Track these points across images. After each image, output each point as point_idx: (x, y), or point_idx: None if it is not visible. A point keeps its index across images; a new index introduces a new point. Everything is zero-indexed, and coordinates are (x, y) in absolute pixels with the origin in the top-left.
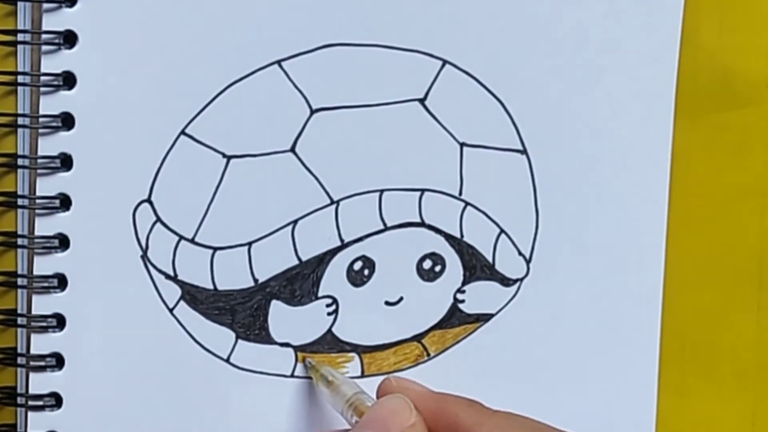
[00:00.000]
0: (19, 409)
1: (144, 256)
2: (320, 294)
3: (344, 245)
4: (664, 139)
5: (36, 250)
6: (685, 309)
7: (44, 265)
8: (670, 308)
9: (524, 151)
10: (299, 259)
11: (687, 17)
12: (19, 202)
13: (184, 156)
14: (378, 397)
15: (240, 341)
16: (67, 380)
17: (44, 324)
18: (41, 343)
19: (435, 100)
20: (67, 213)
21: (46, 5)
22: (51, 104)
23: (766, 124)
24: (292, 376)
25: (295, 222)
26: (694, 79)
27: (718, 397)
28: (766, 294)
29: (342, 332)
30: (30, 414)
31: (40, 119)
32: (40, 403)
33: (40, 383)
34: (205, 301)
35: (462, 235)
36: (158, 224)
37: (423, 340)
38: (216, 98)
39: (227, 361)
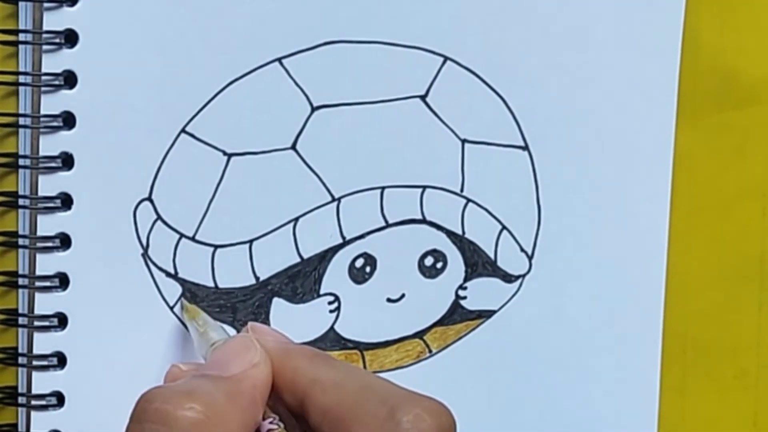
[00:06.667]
0: (20, 409)
1: (145, 255)
2: (322, 291)
3: (346, 242)
4: (666, 136)
5: (38, 250)
6: (687, 308)
7: (46, 264)
8: (672, 307)
9: (526, 148)
10: (301, 256)
11: (688, 17)
12: (21, 201)
13: (184, 154)
14: None
15: None
16: (70, 379)
17: (46, 323)
18: (43, 343)
19: (436, 97)
20: (68, 212)
21: (46, 4)
22: (52, 104)
23: (767, 124)
24: None
25: (296, 219)
26: (695, 80)
27: (719, 397)
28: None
29: (344, 329)
30: (33, 413)
31: (41, 119)
32: (43, 402)
33: (42, 383)
34: (206, 298)
35: (464, 232)
36: (159, 222)
37: (425, 337)
38: (216, 96)
39: None
